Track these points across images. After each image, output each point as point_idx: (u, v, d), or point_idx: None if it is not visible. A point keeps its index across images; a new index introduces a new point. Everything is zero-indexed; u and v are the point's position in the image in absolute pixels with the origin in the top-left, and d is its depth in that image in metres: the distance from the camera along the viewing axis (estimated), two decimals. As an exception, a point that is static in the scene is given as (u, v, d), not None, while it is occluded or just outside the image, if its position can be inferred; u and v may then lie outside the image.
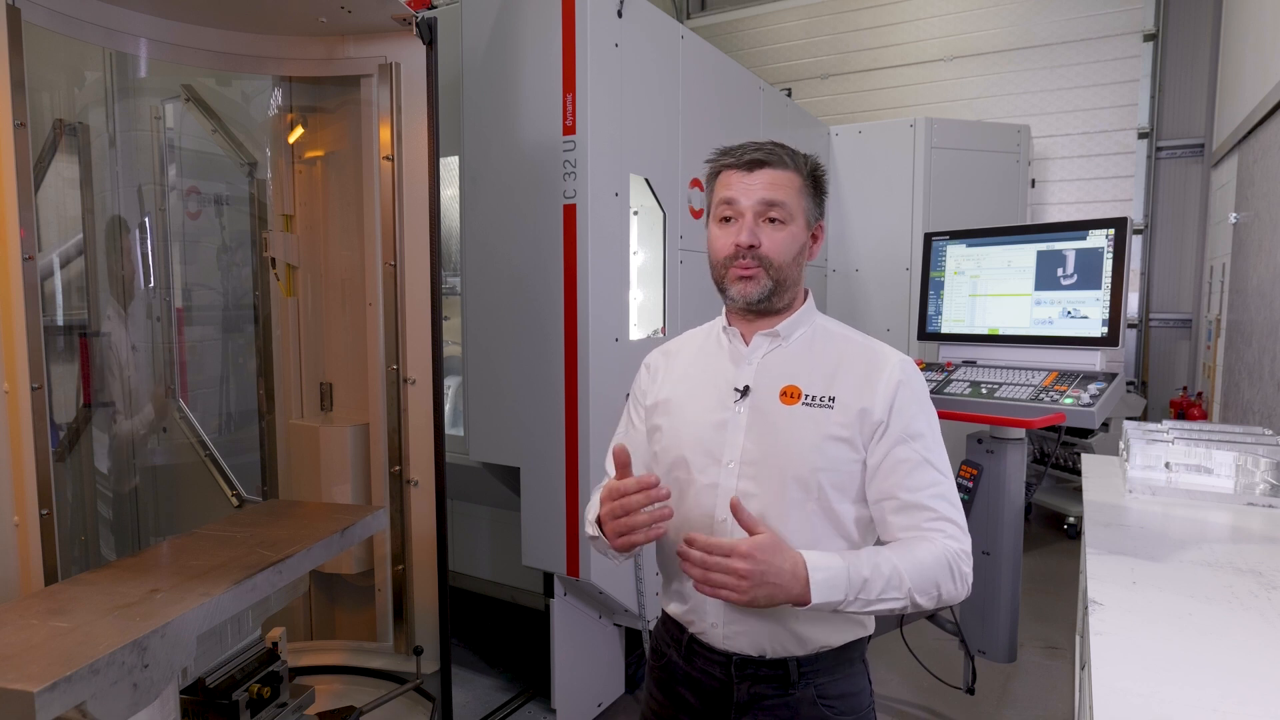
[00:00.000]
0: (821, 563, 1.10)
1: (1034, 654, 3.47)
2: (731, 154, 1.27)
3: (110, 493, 2.64)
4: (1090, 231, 2.66)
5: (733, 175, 1.26)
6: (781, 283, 1.25)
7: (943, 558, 1.16)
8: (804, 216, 1.26)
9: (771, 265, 1.24)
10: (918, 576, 1.14)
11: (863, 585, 1.11)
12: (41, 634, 1.45)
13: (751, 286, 1.24)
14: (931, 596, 1.15)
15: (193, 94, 2.76)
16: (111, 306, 2.59)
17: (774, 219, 1.23)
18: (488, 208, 2.72)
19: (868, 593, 1.11)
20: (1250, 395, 3.73)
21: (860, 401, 1.21)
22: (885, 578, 1.12)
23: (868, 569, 1.11)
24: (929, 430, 1.23)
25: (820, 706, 1.25)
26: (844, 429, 1.20)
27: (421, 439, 2.61)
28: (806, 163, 1.28)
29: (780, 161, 1.24)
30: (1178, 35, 5.73)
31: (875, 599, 1.11)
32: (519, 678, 3.17)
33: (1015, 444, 2.62)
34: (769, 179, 1.23)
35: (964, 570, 1.18)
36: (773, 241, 1.23)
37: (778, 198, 1.23)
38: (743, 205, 1.23)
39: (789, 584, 1.08)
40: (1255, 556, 1.50)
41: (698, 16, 7.52)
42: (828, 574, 1.09)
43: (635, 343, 2.73)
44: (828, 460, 1.20)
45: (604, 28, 2.51)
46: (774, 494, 1.22)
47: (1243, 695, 0.98)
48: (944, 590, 1.16)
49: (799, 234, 1.26)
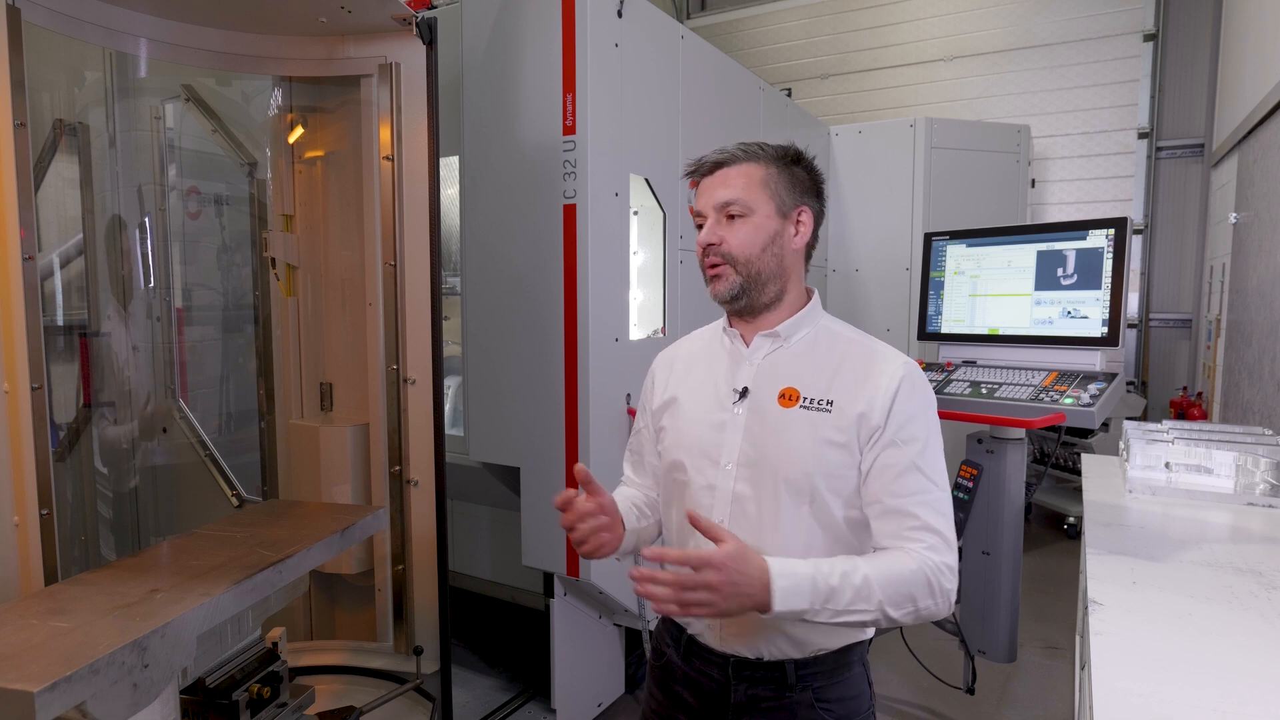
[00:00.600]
0: (786, 569, 1.08)
1: (1034, 654, 3.47)
2: (695, 164, 1.30)
3: (110, 493, 2.64)
4: (1090, 231, 2.66)
5: (700, 183, 1.29)
6: (754, 276, 1.24)
7: (920, 571, 1.12)
8: (771, 205, 1.24)
9: (736, 260, 1.24)
10: (890, 589, 1.10)
11: (830, 594, 1.08)
12: (41, 634, 1.45)
13: (721, 284, 1.25)
14: (907, 611, 1.11)
15: (193, 94, 2.76)
16: (111, 306, 2.59)
17: (732, 215, 1.24)
18: (488, 208, 2.72)
19: (835, 602, 1.08)
20: (1250, 395, 3.73)
21: (858, 405, 1.19)
22: (855, 588, 1.08)
23: (836, 578, 1.08)
24: (925, 437, 1.19)
25: (818, 709, 1.24)
26: (840, 433, 1.18)
27: (421, 439, 2.61)
28: (776, 151, 1.27)
29: (735, 159, 1.25)
30: (1178, 35, 5.73)
31: (844, 609, 1.08)
32: (519, 678, 3.17)
33: (1015, 444, 2.62)
34: (723, 177, 1.25)
35: (945, 586, 1.13)
36: (733, 236, 1.24)
37: (731, 195, 1.23)
38: (704, 209, 1.27)
39: (758, 592, 1.06)
40: (1255, 556, 1.50)
41: (698, 16, 7.52)
42: (792, 581, 1.07)
43: (635, 343, 2.73)
44: (823, 464, 1.19)
45: (604, 28, 2.51)
46: (769, 496, 1.21)
47: (1243, 695, 0.98)
48: (921, 605, 1.12)
49: (764, 223, 1.24)
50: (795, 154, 1.28)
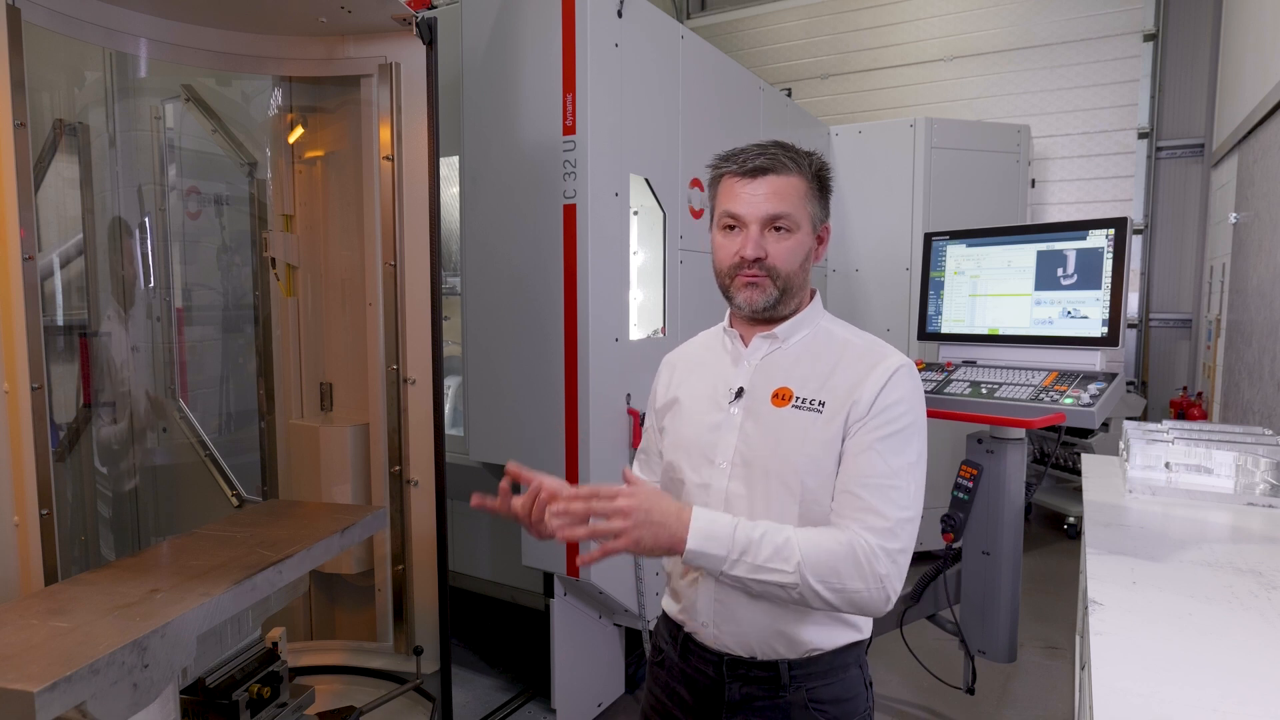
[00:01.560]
0: (708, 515, 1.12)
1: (1034, 654, 3.47)
2: (734, 159, 1.24)
3: (110, 493, 2.64)
4: (1090, 231, 2.65)
5: (735, 183, 1.23)
6: (788, 290, 1.25)
7: (849, 546, 1.10)
8: (809, 222, 1.24)
9: (779, 275, 1.23)
10: (813, 557, 1.09)
11: (748, 546, 1.09)
12: (41, 634, 1.45)
13: (758, 294, 1.23)
14: (834, 589, 1.09)
15: (193, 94, 2.76)
16: (111, 306, 2.59)
17: (779, 228, 1.22)
18: (488, 208, 2.72)
19: (753, 556, 1.09)
20: (1250, 395, 3.73)
21: (847, 403, 1.19)
22: (775, 546, 1.09)
23: (757, 533, 1.10)
24: (901, 429, 1.17)
25: (812, 710, 1.24)
26: (830, 433, 1.19)
27: (421, 439, 2.61)
28: (811, 164, 1.25)
29: (783, 167, 1.21)
30: (1178, 35, 5.73)
31: (762, 565, 1.09)
32: (519, 678, 3.17)
33: (1015, 444, 2.62)
34: (772, 188, 1.21)
35: (877, 570, 1.09)
36: (778, 251, 1.22)
37: (782, 209, 1.20)
38: (747, 217, 1.22)
39: (673, 524, 1.09)
40: (1255, 556, 1.50)
41: (698, 16, 7.52)
42: (710, 526, 1.10)
43: (635, 343, 2.73)
44: (812, 463, 1.19)
45: (604, 28, 2.51)
46: (761, 495, 1.22)
47: (1243, 695, 0.98)
48: (849, 585, 1.09)
49: (805, 240, 1.24)
50: (822, 168, 1.27)
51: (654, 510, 1.08)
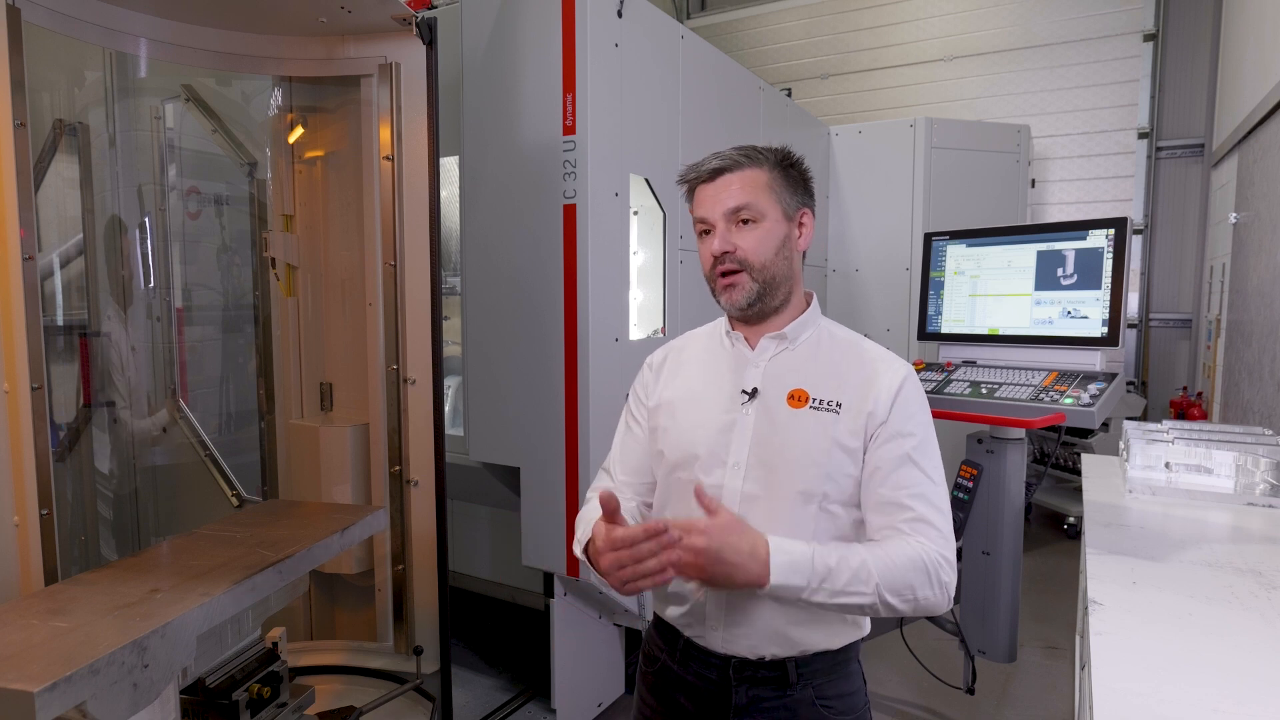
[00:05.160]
0: (784, 545, 1.09)
1: (1034, 654, 3.47)
2: (695, 169, 1.29)
3: (110, 493, 2.64)
4: (1090, 231, 2.66)
5: (700, 190, 1.28)
6: (769, 281, 1.25)
7: (919, 559, 1.13)
8: (778, 209, 1.26)
9: (752, 266, 1.24)
10: (888, 575, 1.10)
11: (827, 574, 1.09)
12: (41, 634, 1.45)
13: (738, 293, 1.25)
14: (906, 600, 1.12)
15: (193, 94, 2.76)
16: (111, 306, 2.59)
17: (745, 220, 1.24)
18: (487, 208, 2.72)
19: (832, 582, 1.09)
20: (1250, 395, 3.73)
21: (865, 405, 1.21)
22: (852, 570, 1.10)
23: (834, 559, 1.10)
24: (920, 433, 1.22)
25: (818, 706, 1.25)
26: (851, 435, 1.21)
27: (421, 439, 2.61)
28: (773, 155, 1.27)
29: (739, 164, 1.25)
30: (1178, 35, 5.73)
31: (841, 590, 1.09)
32: (519, 678, 3.17)
33: (1015, 444, 2.62)
34: (731, 184, 1.25)
35: (943, 579, 1.14)
36: (746, 241, 1.24)
37: (742, 200, 1.24)
38: (711, 216, 1.26)
39: (747, 563, 1.07)
40: (1255, 556, 1.50)
41: (698, 16, 7.51)
42: (789, 557, 1.08)
43: (635, 343, 2.73)
44: (833, 463, 1.20)
45: (604, 28, 2.50)
46: (778, 496, 1.22)
47: (1243, 695, 0.98)
48: (920, 595, 1.12)
49: (774, 228, 1.25)
50: (786, 157, 1.29)
51: (725, 549, 1.05)
